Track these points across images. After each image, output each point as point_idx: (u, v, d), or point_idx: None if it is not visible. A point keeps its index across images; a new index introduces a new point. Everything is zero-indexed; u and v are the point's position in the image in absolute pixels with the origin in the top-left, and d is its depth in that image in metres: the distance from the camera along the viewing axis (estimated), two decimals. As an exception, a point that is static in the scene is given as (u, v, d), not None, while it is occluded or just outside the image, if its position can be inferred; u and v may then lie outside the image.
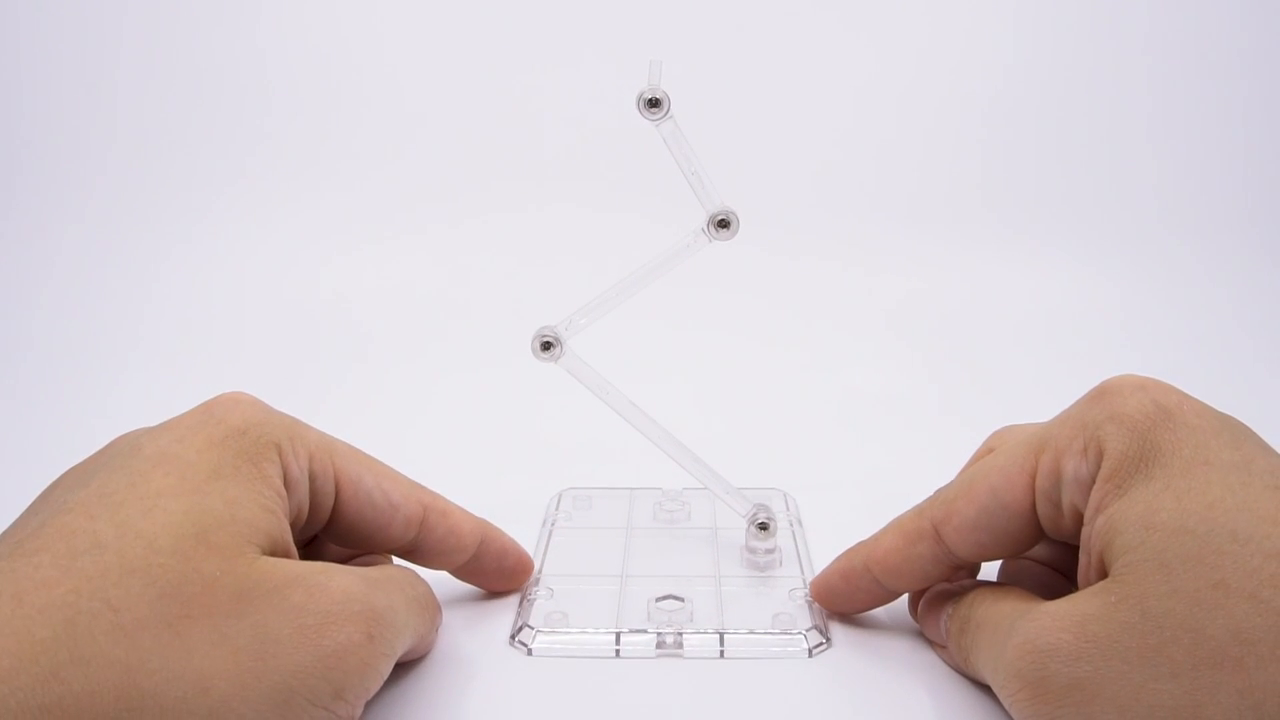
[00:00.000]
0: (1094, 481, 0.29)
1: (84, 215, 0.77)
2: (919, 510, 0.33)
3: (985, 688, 0.31)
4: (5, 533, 0.28)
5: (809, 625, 0.35)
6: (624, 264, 0.38)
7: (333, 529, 0.33)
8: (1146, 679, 0.25)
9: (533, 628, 0.35)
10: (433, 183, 0.79)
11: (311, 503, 0.32)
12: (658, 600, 0.37)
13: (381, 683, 0.29)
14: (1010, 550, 0.32)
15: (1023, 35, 0.82)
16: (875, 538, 0.34)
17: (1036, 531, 0.31)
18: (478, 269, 0.77)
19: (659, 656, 0.34)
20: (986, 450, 0.36)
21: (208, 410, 0.30)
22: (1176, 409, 0.29)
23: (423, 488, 0.35)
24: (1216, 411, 0.30)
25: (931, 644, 0.34)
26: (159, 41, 0.78)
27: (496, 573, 0.37)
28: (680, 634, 0.34)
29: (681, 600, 0.37)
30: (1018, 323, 0.73)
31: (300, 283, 0.76)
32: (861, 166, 0.82)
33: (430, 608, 0.33)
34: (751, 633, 0.35)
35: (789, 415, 0.60)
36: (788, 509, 0.45)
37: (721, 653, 0.34)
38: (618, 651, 0.34)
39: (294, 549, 0.30)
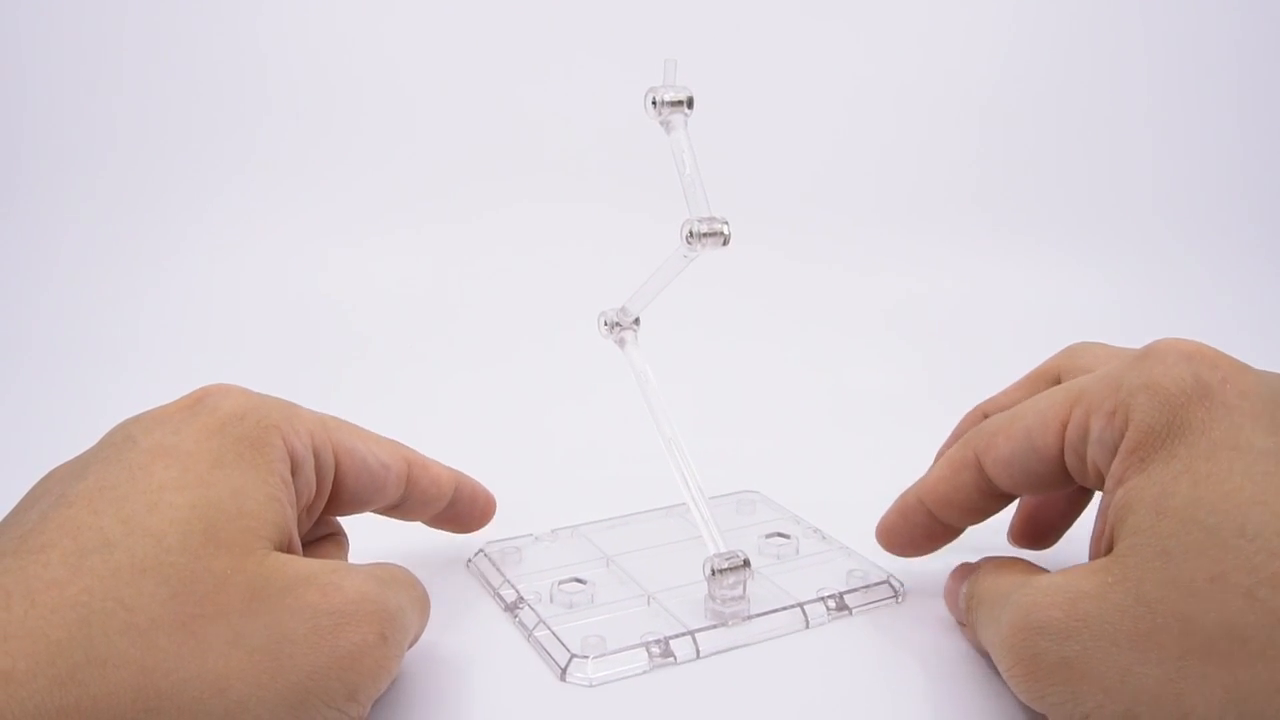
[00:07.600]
0: (1117, 446, 0.28)
1: (83, 215, 0.77)
2: (965, 440, 0.34)
3: None
4: (0, 527, 0.27)
5: (580, 656, 0.34)
6: (627, 263, 0.39)
7: (333, 501, 0.34)
8: (1133, 662, 0.25)
9: (484, 552, 0.41)
10: (432, 181, 0.77)
11: (317, 478, 0.32)
12: (568, 581, 0.39)
13: (390, 682, 0.29)
14: (1044, 488, 0.33)
15: (1021, 35, 0.82)
16: (927, 472, 0.36)
17: (1066, 476, 0.32)
18: (479, 268, 0.75)
19: (503, 614, 0.38)
20: (1053, 368, 0.36)
21: (199, 400, 0.30)
22: (1218, 386, 0.28)
23: (401, 444, 0.36)
24: (1272, 386, 0.28)
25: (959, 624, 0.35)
26: (158, 40, 0.77)
27: (469, 516, 0.40)
28: (522, 605, 0.37)
29: (584, 585, 0.38)
30: (1016, 323, 0.75)
31: (300, 282, 0.76)
32: (860, 167, 0.82)
33: (427, 605, 0.33)
34: (553, 636, 0.35)
35: (787, 415, 0.60)
36: (847, 596, 0.38)
37: (528, 637, 0.36)
38: (493, 596, 0.39)
39: (298, 539, 0.30)
